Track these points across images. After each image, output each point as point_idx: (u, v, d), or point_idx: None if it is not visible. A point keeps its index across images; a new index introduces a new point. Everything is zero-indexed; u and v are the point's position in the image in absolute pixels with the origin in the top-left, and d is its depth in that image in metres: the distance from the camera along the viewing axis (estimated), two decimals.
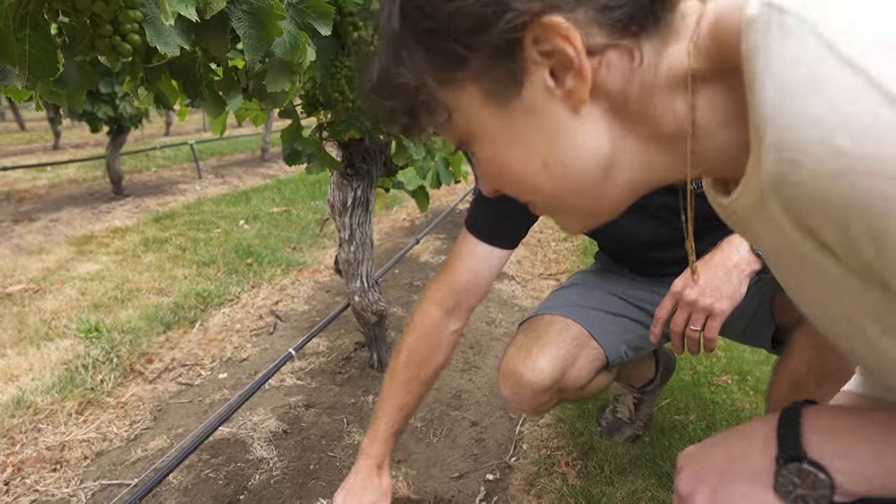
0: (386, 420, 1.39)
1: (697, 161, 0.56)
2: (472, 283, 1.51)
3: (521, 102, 0.54)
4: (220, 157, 7.82)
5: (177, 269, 3.23)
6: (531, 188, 0.59)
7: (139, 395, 2.04)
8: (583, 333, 1.56)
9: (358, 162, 2.09)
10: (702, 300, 1.24)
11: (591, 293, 1.67)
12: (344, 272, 2.18)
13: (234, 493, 1.59)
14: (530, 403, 1.51)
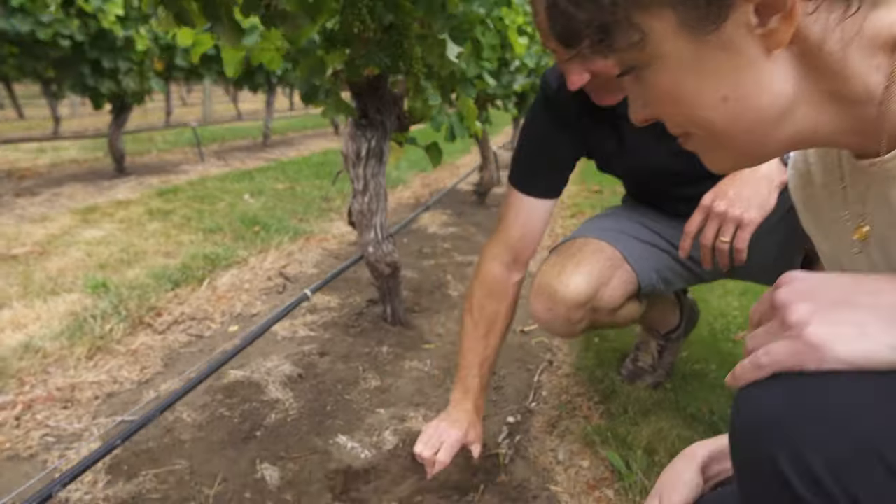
0: (472, 374, 1.46)
1: (874, 129, 0.55)
2: (525, 235, 1.54)
3: (717, 36, 0.53)
4: (222, 143, 7.77)
5: (183, 236, 3.18)
6: (701, 121, 0.58)
7: (149, 345, 2.00)
8: (616, 255, 1.55)
9: (372, 112, 2.05)
10: (731, 211, 1.22)
11: (622, 221, 1.66)
12: (357, 223, 2.14)
13: (251, 429, 1.55)
14: (563, 320, 1.49)
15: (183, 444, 1.47)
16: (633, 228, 1.65)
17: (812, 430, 0.49)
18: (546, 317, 1.53)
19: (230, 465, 1.40)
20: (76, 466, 0.94)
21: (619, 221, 1.67)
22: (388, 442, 1.53)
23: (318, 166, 5.85)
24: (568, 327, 1.53)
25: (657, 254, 1.63)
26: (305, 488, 1.34)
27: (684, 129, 0.60)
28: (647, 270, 1.58)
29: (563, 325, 1.53)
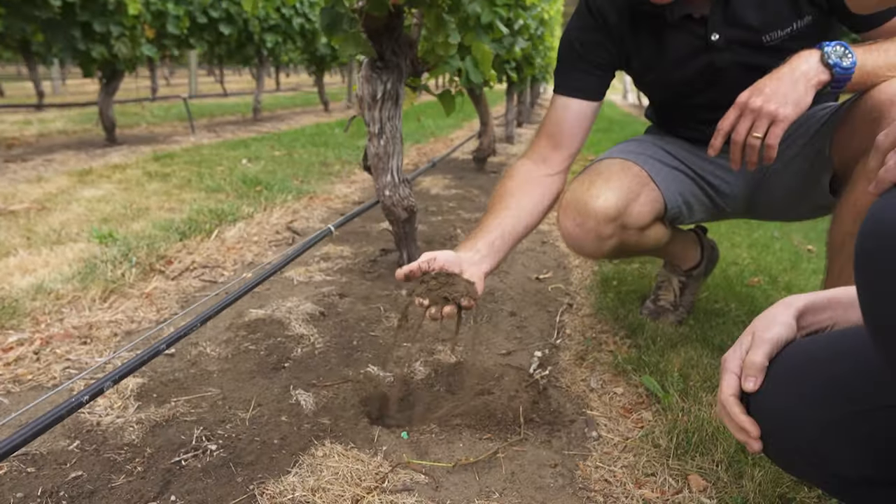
0: (481, 231, 1.37)
1: None
2: (561, 133, 1.53)
3: None
4: (211, 118, 7.65)
5: (184, 194, 3.13)
6: None
7: (163, 289, 1.96)
8: (643, 174, 1.56)
9: (388, 54, 2.00)
10: (766, 106, 1.21)
11: (646, 146, 1.67)
12: (373, 167, 2.10)
13: (278, 361, 1.51)
14: (594, 235, 1.48)
15: (211, 375, 1.44)
16: (657, 153, 1.65)
17: None
18: (576, 232, 1.52)
19: (262, 391, 1.37)
20: (120, 368, 0.91)
21: (642, 146, 1.68)
22: (419, 373, 1.51)
23: (313, 136, 5.78)
24: (597, 244, 1.52)
25: (681, 178, 1.63)
26: (341, 413, 1.31)
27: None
28: (672, 192, 1.59)
29: (592, 242, 1.52)
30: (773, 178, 1.60)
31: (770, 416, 0.82)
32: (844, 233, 1.33)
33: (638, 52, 1.52)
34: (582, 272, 2.41)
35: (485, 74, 2.25)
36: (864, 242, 0.56)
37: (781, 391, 0.82)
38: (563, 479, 1.15)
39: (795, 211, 1.65)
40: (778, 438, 0.82)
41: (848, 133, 1.37)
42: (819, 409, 0.77)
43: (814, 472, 0.81)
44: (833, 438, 0.76)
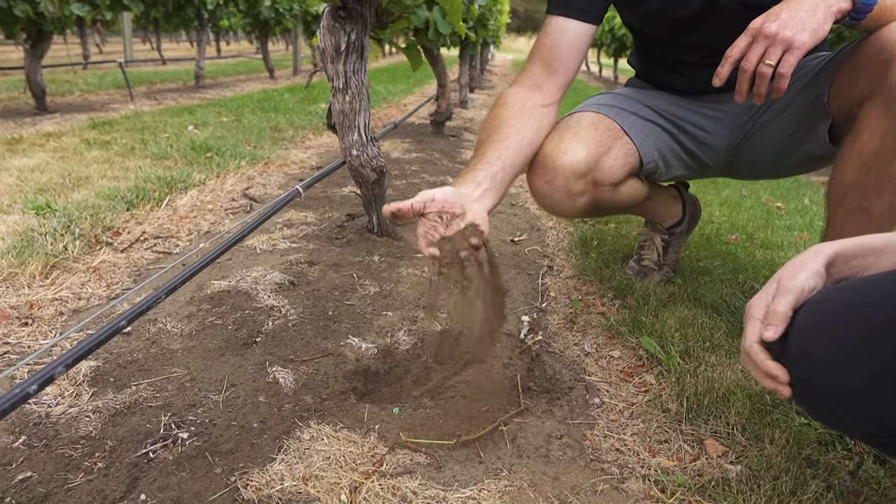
0: (478, 162, 1.22)
1: None
2: (555, 57, 1.40)
3: None
4: (150, 86, 7.24)
5: (128, 162, 2.90)
6: None
7: (112, 262, 1.78)
8: (615, 127, 1.48)
9: (352, 2, 1.84)
10: (782, 32, 1.11)
11: (622, 99, 1.60)
12: (338, 125, 1.95)
13: (249, 335, 1.38)
14: (563, 192, 1.40)
15: (174, 353, 1.29)
16: (633, 106, 1.57)
17: None
18: (545, 189, 1.43)
19: (234, 370, 1.23)
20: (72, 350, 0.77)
21: (617, 99, 1.60)
22: (404, 342, 1.40)
23: (262, 101, 5.51)
24: (569, 201, 1.43)
25: (658, 132, 1.56)
26: (325, 390, 1.19)
27: None
28: (647, 146, 1.51)
29: (564, 199, 1.43)
30: (762, 129, 1.53)
31: (807, 367, 0.74)
32: (847, 183, 1.26)
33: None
34: (557, 234, 2.33)
35: (454, 25, 2.11)
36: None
37: (818, 341, 0.74)
38: (571, 450, 1.07)
39: (783, 165, 1.58)
40: (816, 390, 0.74)
41: (851, 77, 1.30)
42: (863, 359, 0.70)
43: (857, 425, 0.74)
44: (880, 389, 0.69)
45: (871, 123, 1.21)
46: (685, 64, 1.56)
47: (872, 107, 1.21)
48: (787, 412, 1.15)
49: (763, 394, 1.19)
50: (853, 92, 1.29)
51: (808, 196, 3.13)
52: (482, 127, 1.34)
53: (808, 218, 2.65)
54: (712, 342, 1.41)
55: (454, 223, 1.08)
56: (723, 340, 1.42)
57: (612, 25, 11.41)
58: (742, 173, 1.71)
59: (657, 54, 1.64)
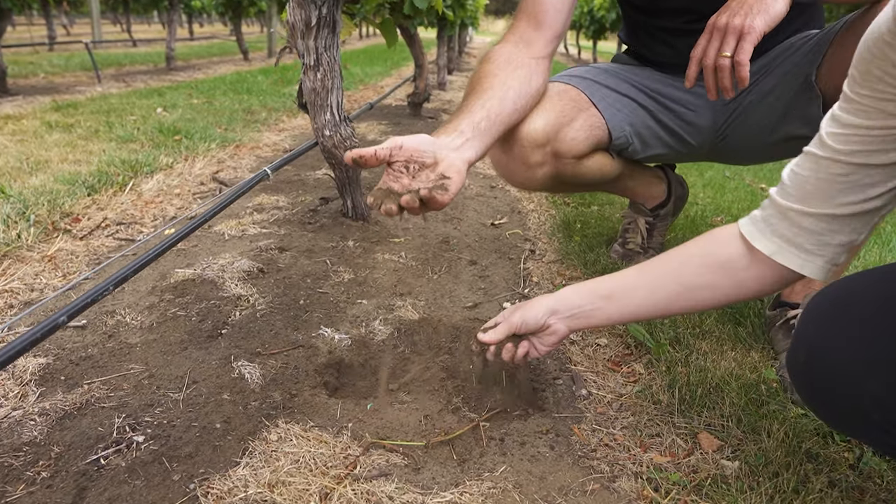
0: (466, 112, 1.11)
1: None
2: (547, 8, 1.29)
3: None
4: (119, 68, 7.02)
5: (92, 145, 2.77)
6: None
7: (69, 250, 1.68)
8: (583, 98, 1.42)
9: None
10: (732, 20, 1.08)
11: (597, 73, 1.54)
12: (310, 104, 1.85)
13: (214, 327, 1.29)
14: (520, 163, 1.34)
15: (132, 348, 1.20)
16: (609, 80, 1.51)
17: None
18: (502, 159, 1.39)
19: (197, 365, 1.15)
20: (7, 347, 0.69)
21: (592, 71, 1.54)
22: (379, 332, 1.32)
23: (235, 83, 5.36)
24: (527, 172, 1.38)
25: (634, 108, 1.49)
26: (294, 385, 1.11)
27: None
28: (618, 120, 1.44)
29: (521, 169, 1.38)
30: (748, 110, 1.47)
31: (828, 371, 0.69)
32: None
33: None
34: (539, 216, 2.26)
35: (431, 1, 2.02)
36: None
37: (839, 344, 0.69)
38: (558, 446, 1.00)
39: (772, 148, 1.51)
40: (837, 396, 0.69)
41: (845, 57, 1.24)
42: (887, 364, 0.64)
43: (876, 434, 0.68)
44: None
45: None
46: (669, 31, 1.50)
47: None
48: (783, 403, 1.10)
49: (758, 384, 1.14)
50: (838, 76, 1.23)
51: None
52: (467, 84, 1.24)
53: None
54: (702, 328, 1.35)
55: (422, 174, 0.97)
56: (713, 326, 1.36)
57: (591, 6, 11.31)
58: (729, 156, 1.65)
59: (642, 22, 1.57)
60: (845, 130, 0.71)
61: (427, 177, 0.98)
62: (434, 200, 0.92)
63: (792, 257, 0.78)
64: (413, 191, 0.92)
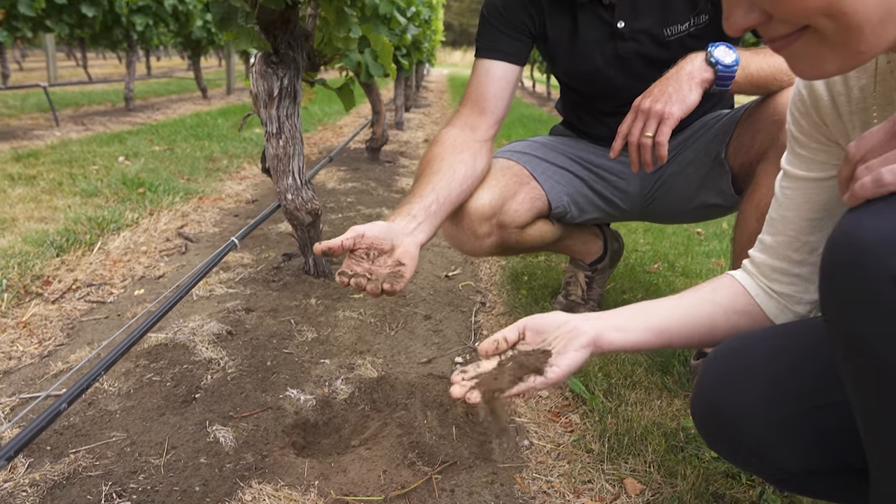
0: (413, 196, 1.29)
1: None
2: (486, 98, 1.51)
3: None
4: (77, 108, 7.02)
5: (56, 200, 2.84)
6: (837, 12, 0.55)
7: (43, 315, 1.76)
8: (524, 173, 1.59)
9: (283, 48, 1.89)
10: (654, 106, 1.27)
11: (536, 147, 1.73)
12: (273, 169, 1.99)
13: (188, 392, 1.40)
14: (470, 234, 1.51)
15: (112, 415, 1.30)
16: (547, 154, 1.69)
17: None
18: (453, 231, 1.55)
19: (175, 431, 1.26)
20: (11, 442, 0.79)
21: (532, 146, 1.72)
22: (341, 392, 1.44)
23: (195, 127, 5.44)
24: (475, 242, 1.54)
25: (571, 178, 1.68)
26: (265, 446, 1.23)
27: (808, 23, 0.57)
28: (557, 192, 1.63)
29: (470, 240, 1.54)
30: (670, 180, 1.66)
31: (718, 417, 0.85)
32: (749, 232, 1.39)
33: (553, 27, 1.55)
34: (490, 267, 2.41)
35: (385, 67, 2.18)
36: (836, 255, 0.58)
37: (727, 394, 0.85)
38: (503, 495, 1.14)
39: (693, 213, 1.72)
40: (726, 438, 0.85)
41: (749, 135, 1.44)
42: (764, 412, 0.80)
43: (760, 466, 0.84)
44: (776, 438, 0.80)
45: (767, 178, 1.34)
46: (602, 112, 1.69)
47: (768, 162, 1.35)
48: (699, 447, 1.25)
49: (677, 431, 1.30)
50: (752, 148, 1.43)
51: (726, 220, 3.32)
52: (418, 166, 1.42)
53: (726, 243, 2.83)
54: (633, 378, 1.51)
55: (381, 259, 1.13)
56: (643, 377, 1.52)
57: None
58: (657, 218, 1.85)
59: (578, 101, 1.76)
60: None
61: (385, 262, 1.13)
62: (392, 290, 1.07)
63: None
64: (374, 280, 1.07)
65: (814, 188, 0.87)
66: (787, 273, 0.92)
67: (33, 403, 1.20)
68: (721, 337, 0.94)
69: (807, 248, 0.90)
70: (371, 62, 2.20)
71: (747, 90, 1.37)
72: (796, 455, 0.78)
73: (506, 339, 0.92)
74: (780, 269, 0.92)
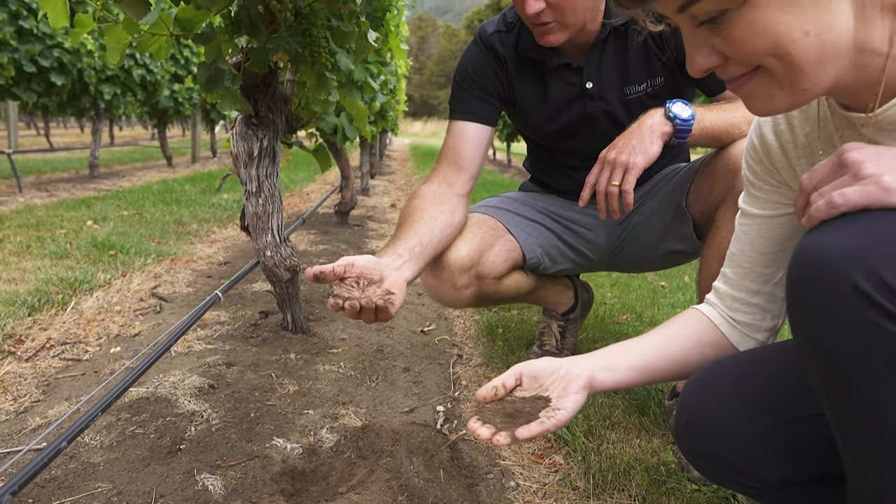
0: (397, 238, 1.39)
1: (876, 80, 0.69)
2: (461, 157, 1.63)
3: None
4: (39, 176, 6.97)
5: (25, 263, 2.81)
6: (784, 52, 0.65)
7: (16, 373, 1.73)
8: (499, 226, 1.69)
9: (264, 111, 1.97)
10: (619, 157, 1.38)
11: (508, 201, 1.82)
12: (252, 227, 2.03)
13: (173, 443, 1.39)
14: (449, 285, 1.56)
15: (96, 467, 1.29)
16: (519, 208, 1.79)
17: (884, 251, 0.58)
18: (433, 283, 1.61)
19: (162, 480, 1.25)
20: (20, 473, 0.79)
21: (505, 201, 1.82)
22: (326, 440, 1.45)
23: (162, 193, 5.45)
24: (455, 293, 1.60)
25: (542, 231, 1.77)
26: (253, 494, 1.23)
27: (759, 63, 0.68)
28: (530, 243, 1.71)
29: (450, 292, 1.60)
30: (635, 229, 1.76)
31: (699, 432, 0.90)
32: (713, 273, 1.47)
33: (522, 90, 1.67)
34: (464, 322, 2.46)
35: (360, 130, 2.27)
36: (799, 270, 0.65)
37: (705, 410, 0.90)
38: None
39: (659, 260, 1.81)
40: (707, 453, 0.90)
41: (707, 184, 1.55)
42: (741, 426, 0.86)
43: (740, 480, 0.89)
44: (754, 450, 0.85)
45: (726, 223, 1.44)
46: (568, 166, 1.79)
47: (726, 209, 1.45)
48: (680, 480, 1.29)
49: (659, 466, 1.34)
50: (710, 196, 1.53)
51: (688, 274, 3.45)
52: (400, 217, 1.52)
53: (689, 294, 2.93)
54: (612, 420, 1.56)
55: (370, 289, 1.17)
56: (621, 418, 1.57)
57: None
58: (625, 267, 1.94)
59: (545, 158, 1.87)
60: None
61: (374, 291, 1.18)
62: (385, 311, 1.12)
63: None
64: (368, 299, 1.11)
65: (768, 224, 0.96)
66: (746, 303, 1.00)
67: (14, 458, 1.19)
68: (694, 368, 1.00)
69: (762, 279, 0.98)
70: (347, 125, 2.29)
71: (703, 142, 1.48)
72: (775, 465, 0.84)
73: (504, 385, 0.96)
74: (740, 299, 1.00)
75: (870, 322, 0.58)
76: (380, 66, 3.35)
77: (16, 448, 1.35)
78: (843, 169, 0.63)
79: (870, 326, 0.59)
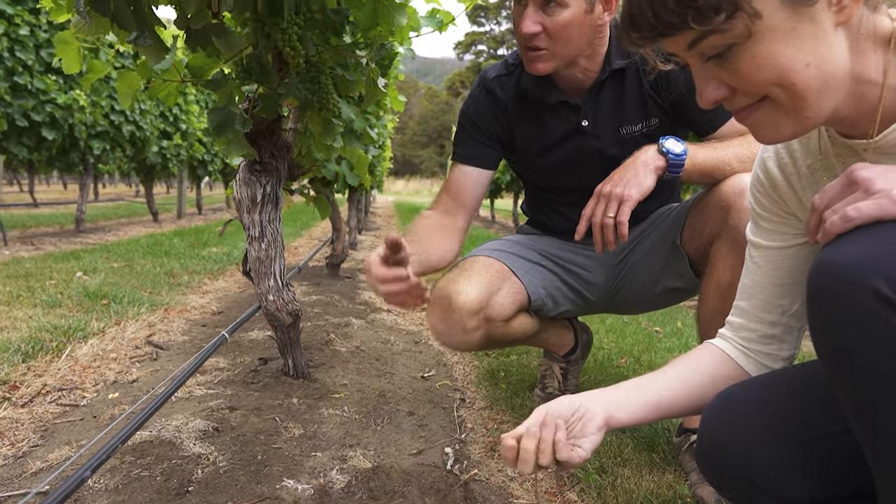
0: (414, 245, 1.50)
1: (873, 109, 0.74)
2: (462, 194, 1.72)
3: (810, 10, 0.68)
4: (24, 230, 6.92)
5: (16, 312, 2.77)
6: (786, 82, 0.70)
7: (13, 418, 1.69)
8: (504, 269, 1.72)
9: (267, 157, 2.01)
10: (614, 190, 1.43)
11: (511, 244, 1.88)
12: (254, 272, 2.03)
13: (180, 485, 1.36)
14: (459, 328, 1.58)
15: None
16: (521, 251, 1.84)
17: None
18: (442, 327, 1.63)
19: None
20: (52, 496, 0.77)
21: (507, 244, 1.86)
22: (337, 481, 1.43)
23: (151, 246, 5.43)
24: (464, 336, 1.61)
25: (544, 273, 1.80)
26: None
27: (765, 94, 0.72)
28: (534, 285, 1.75)
29: (459, 335, 1.61)
30: (633, 268, 1.80)
31: (723, 454, 0.91)
32: (711, 309, 1.50)
33: (521, 131, 1.74)
34: (464, 367, 2.45)
35: (361, 177, 2.31)
36: (819, 280, 0.67)
37: (730, 432, 0.91)
38: None
39: (657, 298, 1.84)
40: (732, 475, 0.90)
41: (700, 221, 1.59)
42: (767, 444, 0.87)
43: (767, 502, 0.89)
44: (782, 469, 0.86)
45: (721, 259, 1.48)
46: (564, 203, 1.84)
47: (721, 244, 1.49)
48: None
49: (675, 499, 1.33)
50: (704, 233, 1.58)
51: (681, 319, 3.48)
52: (409, 231, 1.65)
53: (684, 339, 2.96)
54: (622, 457, 1.55)
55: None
56: (632, 455, 1.56)
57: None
58: (625, 307, 1.96)
59: (542, 197, 1.91)
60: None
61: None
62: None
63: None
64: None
65: (779, 256, 0.99)
66: (763, 334, 1.02)
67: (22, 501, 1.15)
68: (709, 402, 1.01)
69: (779, 310, 1.00)
70: (347, 172, 2.33)
71: (695, 178, 1.53)
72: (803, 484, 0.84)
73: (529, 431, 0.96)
74: (756, 331, 1.02)
75: (892, 326, 0.61)
76: (374, 120, 3.43)
77: (19, 491, 1.31)
78: (853, 186, 0.67)
79: (892, 330, 0.61)
